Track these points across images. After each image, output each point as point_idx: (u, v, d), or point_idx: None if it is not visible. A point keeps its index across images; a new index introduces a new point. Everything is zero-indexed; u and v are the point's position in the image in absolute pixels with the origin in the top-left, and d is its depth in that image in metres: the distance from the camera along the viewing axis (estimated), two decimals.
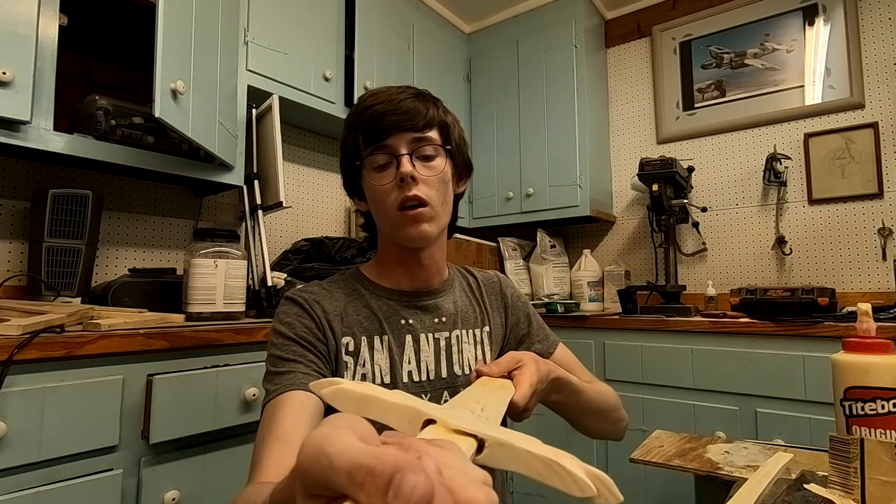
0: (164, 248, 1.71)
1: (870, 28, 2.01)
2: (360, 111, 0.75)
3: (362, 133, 0.74)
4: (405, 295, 0.80)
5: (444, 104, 0.80)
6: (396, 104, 0.73)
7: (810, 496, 0.58)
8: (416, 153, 0.73)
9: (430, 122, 0.74)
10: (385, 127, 0.72)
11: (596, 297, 2.35)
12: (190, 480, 1.09)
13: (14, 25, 1.09)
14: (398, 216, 0.72)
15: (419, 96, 0.76)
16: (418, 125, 0.73)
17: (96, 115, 1.31)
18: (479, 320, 0.85)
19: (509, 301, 0.90)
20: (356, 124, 0.76)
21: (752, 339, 1.63)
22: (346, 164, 0.79)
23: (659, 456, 0.82)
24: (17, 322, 0.93)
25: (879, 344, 0.57)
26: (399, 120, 0.72)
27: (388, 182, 0.72)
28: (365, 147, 0.74)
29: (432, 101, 0.77)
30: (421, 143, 0.73)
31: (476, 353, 0.82)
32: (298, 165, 2.15)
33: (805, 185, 2.09)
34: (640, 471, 1.70)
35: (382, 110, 0.72)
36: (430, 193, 0.73)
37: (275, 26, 1.72)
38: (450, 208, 0.79)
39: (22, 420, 0.88)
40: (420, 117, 0.73)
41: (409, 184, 0.71)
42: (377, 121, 0.72)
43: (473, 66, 2.67)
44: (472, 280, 0.90)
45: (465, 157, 0.82)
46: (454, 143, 0.79)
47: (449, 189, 0.77)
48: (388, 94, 0.75)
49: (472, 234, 2.43)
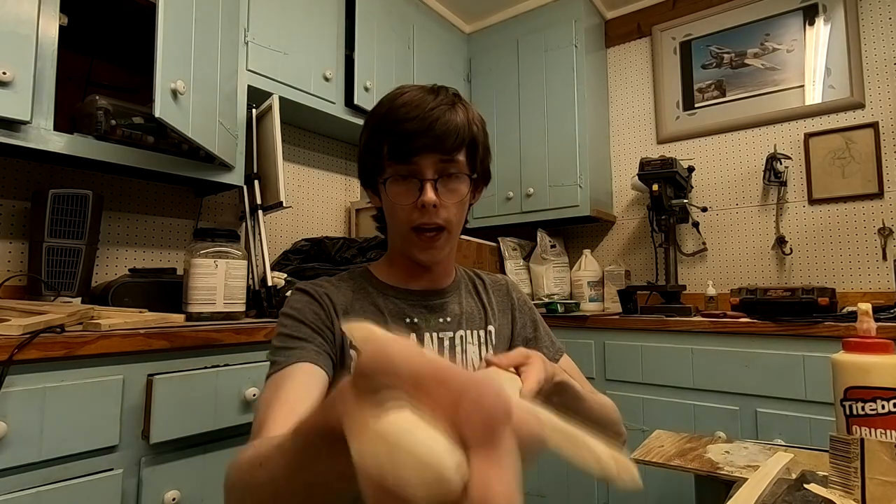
0: (164, 248, 1.71)
1: (870, 28, 2.01)
2: (390, 121, 0.71)
3: (388, 144, 0.71)
4: (412, 294, 0.80)
5: (471, 108, 0.77)
6: (429, 124, 0.69)
7: (810, 496, 0.58)
8: (441, 174, 0.71)
9: (459, 145, 0.72)
10: (415, 148, 0.69)
11: (596, 297, 2.35)
12: (190, 480, 1.09)
13: (14, 25, 1.09)
14: (412, 236, 0.72)
15: (453, 107, 0.72)
16: (447, 148, 0.70)
17: (96, 115, 1.31)
18: (484, 321, 0.84)
19: (516, 304, 0.89)
20: (382, 133, 0.72)
21: (752, 339, 1.63)
22: (365, 164, 0.78)
23: (659, 456, 0.82)
24: (17, 322, 0.93)
25: (879, 344, 0.57)
26: (430, 143, 0.69)
27: (408, 202, 0.71)
28: (389, 158, 0.71)
29: (463, 110, 0.74)
30: (448, 168, 0.71)
31: (480, 353, 0.82)
32: (298, 165, 2.15)
33: (805, 185, 2.09)
34: (640, 471, 1.69)
35: (414, 129, 0.69)
36: (450, 218, 0.72)
37: (275, 26, 1.72)
38: (462, 224, 0.79)
39: (22, 420, 0.88)
40: (451, 139, 0.70)
41: (430, 211, 0.70)
42: (407, 140, 0.69)
43: (473, 65, 2.67)
44: (479, 282, 0.89)
45: (486, 168, 0.81)
46: (478, 160, 0.77)
47: (465, 207, 0.77)
48: (421, 108, 0.70)
49: (472, 234, 2.43)
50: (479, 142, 0.77)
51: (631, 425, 1.81)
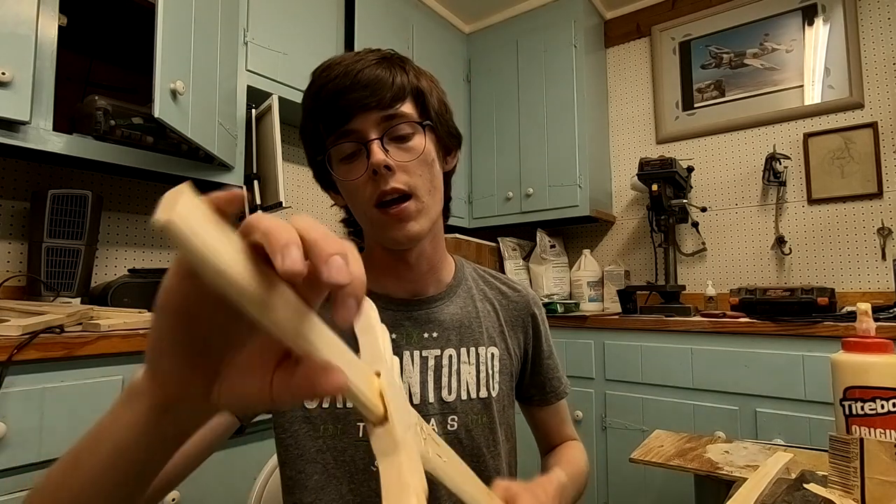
0: (163, 249, 1.71)
1: (869, 28, 2.01)
2: (314, 91, 0.62)
3: (321, 118, 0.62)
4: (392, 303, 0.68)
5: (415, 65, 0.66)
6: (354, 76, 0.59)
7: (810, 496, 0.58)
8: (387, 135, 0.60)
9: (399, 94, 0.61)
10: (345, 108, 0.59)
11: (596, 297, 2.35)
12: (190, 480, 1.08)
13: (14, 25, 1.09)
14: (377, 215, 0.60)
15: (383, 61, 0.61)
16: (385, 99, 0.59)
17: (96, 116, 1.31)
18: (485, 336, 0.71)
19: (539, 321, 0.78)
20: (313, 108, 0.62)
21: (751, 339, 1.63)
22: (310, 156, 0.67)
23: (659, 456, 0.82)
24: (16, 322, 0.93)
25: (879, 344, 0.57)
26: (361, 97, 0.58)
27: (359, 175, 0.60)
28: (327, 135, 0.62)
29: (399, 65, 0.63)
30: (392, 122, 0.60)
31: (479, 374, 0.69)
32: (298, 165, 2.15)
33: (804, 185, 2.09)
34: (640, 471, 1.70)
35: (339, 87, 0.59)
36: (413, 181, 0.60)
37: (274, 26, 1.72)
38: (440, 192, 0.66)
39: (22, 420, 0.88)
40: (386, 89, 0.59)
41: (385, 175, 0.58)
42: (335, 101, 0.59)
43: (473, 66, 2.68)
44: (494, 288, 0.77)
45: (449, 126, 0.68)
46: (433, 112, 0.65)
47: (435, 170, 0.64)
48: (343, 64, 0.60)
49: (471, 234, 2.43)
50: (430, 93, 0.65)
51: (631, 425, 1.81)
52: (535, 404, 0.80)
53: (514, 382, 0.75)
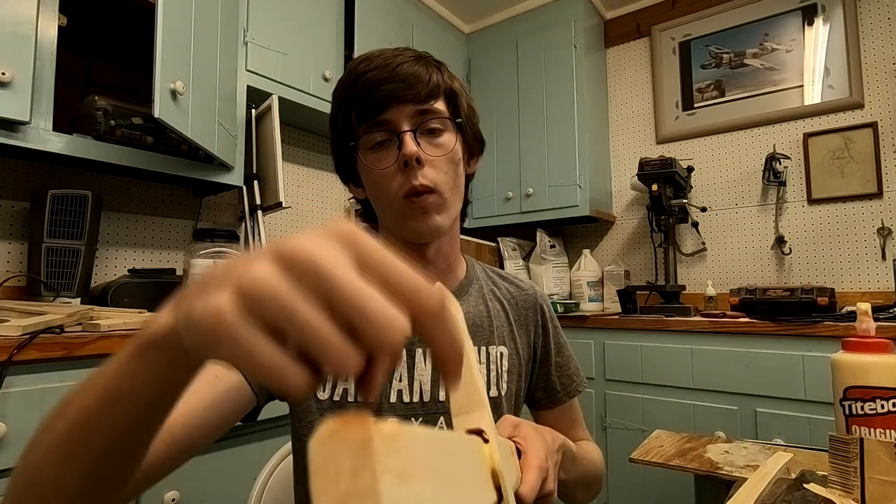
0: (163, 249, 1.71)
1: (869, 28, 2.01)
2: (350, 81, 0.63)
3: (355, 107, 0.63)
4: None
5: (449, 69, 0.68)
6: (393, 70, 0.61)
7: (810, 496, 0.58)
8: (419, 129, 0.62)
9: (434, 91, 0.63)
10: (381, 98, 0.61)
11: (596, 296, 2.35)
12: (190, 480, 1.09)
13: (13, 26, 1.09)
14: (403, 205, 0.62)
15: (420, 59, 0.64)
16: (421, 94, 0.61)
17: (96, 116, 1.31)
18: (495, 336, 0.72)
19: (548, 318, 0.78)
20: (347, 97, 0.64)
21: (751, 338, 1.63)
22: (337, 145, 0.68)
23: (659, 456, 0.82)
24: (16, 322, 0.93)
25: (879, 344, 0.57)
26: (398, 89, 0.60)
27: (388, 165, 0.62)
28: (359, 124, 0.63)
29: (435, 65, 0.66)
30: (426, 117, 0.62)
31: (489, 373, 0.70)
32: (298, 165, 2.15)
33: (804, 185, 2.09)
34: (640, 471, 1.70)
35: (376, 78, 0.61)
36: (439, 178, 0.62)
37: (274, 26, 1.72)
38: (461, 194, 0.68)
39: (21, 420, 0.88)
40: (422, 85, 0.62)
41: (415, 168, 0.60)
42: (371, 91, 0.61)
43: (473, 66, 2.68)
44: (502, 288, 0.78)
45: (475, 130, 0.71)
46: (464, 114, 0.67)
47: (460, 170, 0.66)
48: (382, 57, 0.62)
49: (471, 234, 2.43)
50: (461, 95, 0.68)
51: (631, 425, 1.81)
52: (544, 406, 0.78)
53: (521, 383, 0.74)
